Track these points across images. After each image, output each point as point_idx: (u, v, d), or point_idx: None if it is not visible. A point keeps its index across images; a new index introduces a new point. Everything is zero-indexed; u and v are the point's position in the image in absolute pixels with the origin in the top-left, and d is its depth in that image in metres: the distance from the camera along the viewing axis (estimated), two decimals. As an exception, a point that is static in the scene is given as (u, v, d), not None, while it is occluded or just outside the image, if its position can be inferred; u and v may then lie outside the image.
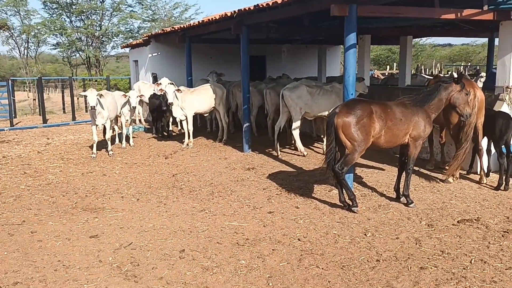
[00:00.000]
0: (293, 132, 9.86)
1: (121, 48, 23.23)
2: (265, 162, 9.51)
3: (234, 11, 9.77)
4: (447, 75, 20.72)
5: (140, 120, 15.33)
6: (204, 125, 14.33)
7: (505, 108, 7.92)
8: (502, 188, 7.11)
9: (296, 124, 9.71)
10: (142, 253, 5.10)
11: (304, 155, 9.87)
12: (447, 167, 7.79)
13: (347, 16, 6.77)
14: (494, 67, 8.67)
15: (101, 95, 9.88)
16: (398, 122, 6.27)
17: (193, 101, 11.15)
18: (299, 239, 5.41)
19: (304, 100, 9.55)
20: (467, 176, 7.94)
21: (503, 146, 7.18)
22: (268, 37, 14.87)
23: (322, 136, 10.64)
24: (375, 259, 4.83)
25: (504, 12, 7.77)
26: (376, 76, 22.56)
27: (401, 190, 6.65)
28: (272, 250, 5.14)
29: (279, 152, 9.98)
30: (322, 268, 4.65)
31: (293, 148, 10.64)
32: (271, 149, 10.50)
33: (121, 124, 11.68)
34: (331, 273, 4.55)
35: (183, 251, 5.10)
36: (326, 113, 9.19)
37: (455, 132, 7.42)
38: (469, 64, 25.71)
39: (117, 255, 5.06)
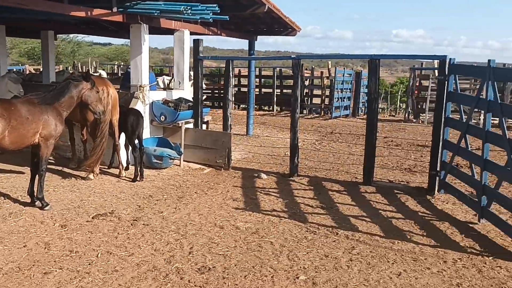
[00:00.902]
0: None
1: None
2: None
3: None
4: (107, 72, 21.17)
5: None
6: None
7: (139, 106, 8.60)
8: (138, 179, 7.70)
9: None
10: None
11: None
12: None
13: (-46, -1, 5.79)
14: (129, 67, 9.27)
15: None
16: (24, 121, 5.83)
17: None
18: None
19: None
20: (108, 170, 8.24)
21: (136, 140, 7.78)
22: None
23: None
24: (-7, 276, 4.32)
25: (133, 15, 8.36)
26: (28, 71, 20.89)
27: (36, 193, 6.26)
28: None
29: None
30: None
31: None
32: None
33: None
34: None
35: None
36: None
37: (92, 129, 7.53)
38: (122, 63, 27.11)
39: None
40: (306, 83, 19.82)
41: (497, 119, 5.92)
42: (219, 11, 8.39)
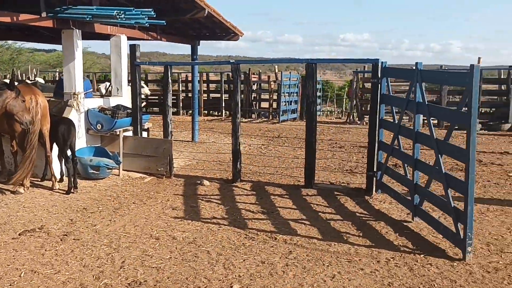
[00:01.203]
0: None
1: None
2: None
3: None
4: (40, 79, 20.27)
5: None
6: None
7: (74, 114, 8.25)
8: (72, 191, 7.36)
9: None
10: None
11: None
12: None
13: None
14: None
15: None
16: None
17: None
18: None
19: None
20: (41, 183, 7.83)
21: (69, 151, 7.45)
22: None
23: None
24: None
25: (65, 21, 8.02)
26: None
27: (-44, 211, 5.84)
28: None
29: None
30: None
31: None
32: None
33: None
34: None
35: None
36: None
37: (21, 140, 7.15)
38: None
39: None
40: (254, 87, 19.89)
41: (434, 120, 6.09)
42: (155, 16, 8.19)
